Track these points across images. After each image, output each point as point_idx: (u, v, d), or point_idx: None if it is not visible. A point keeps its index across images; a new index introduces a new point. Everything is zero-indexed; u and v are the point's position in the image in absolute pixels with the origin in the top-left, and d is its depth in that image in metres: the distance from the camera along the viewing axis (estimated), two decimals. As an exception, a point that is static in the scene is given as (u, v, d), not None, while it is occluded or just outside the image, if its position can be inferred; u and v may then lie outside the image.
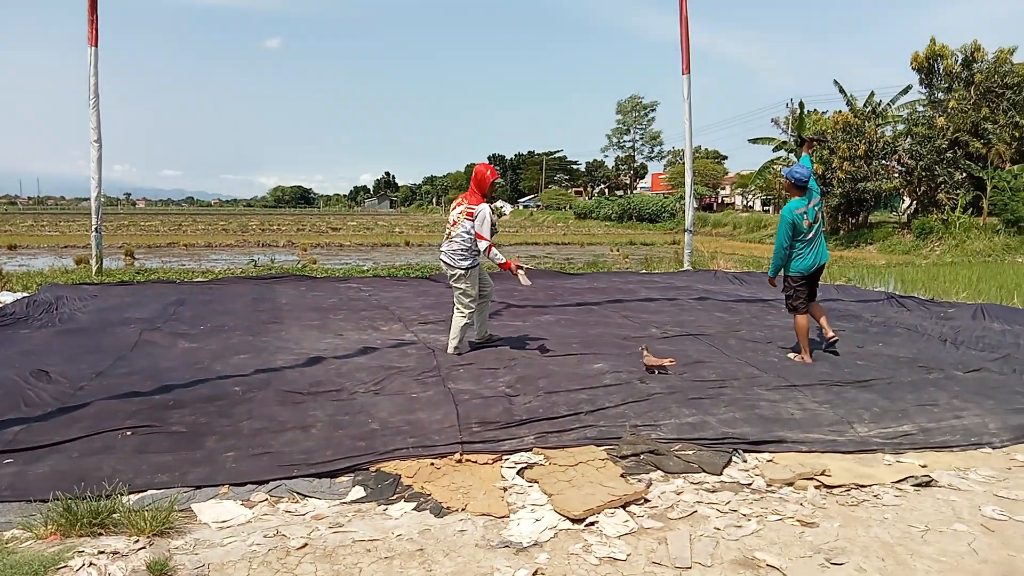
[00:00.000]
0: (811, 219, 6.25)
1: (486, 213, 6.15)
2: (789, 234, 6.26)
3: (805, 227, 6.24)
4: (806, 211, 6.24)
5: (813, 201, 6.30)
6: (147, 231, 35.78)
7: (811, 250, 6.34)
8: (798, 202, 6.28)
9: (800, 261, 6.35)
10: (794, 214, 6.23)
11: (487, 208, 6.19)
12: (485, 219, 6.13)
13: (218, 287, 11.44)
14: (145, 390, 5.08)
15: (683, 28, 15.36)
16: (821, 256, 6.42)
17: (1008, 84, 25.61)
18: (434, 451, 4.08)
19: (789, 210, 6.27)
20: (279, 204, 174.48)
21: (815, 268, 6.43)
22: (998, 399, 5.21)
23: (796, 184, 6.28)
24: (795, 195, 6.34)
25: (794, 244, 6.31)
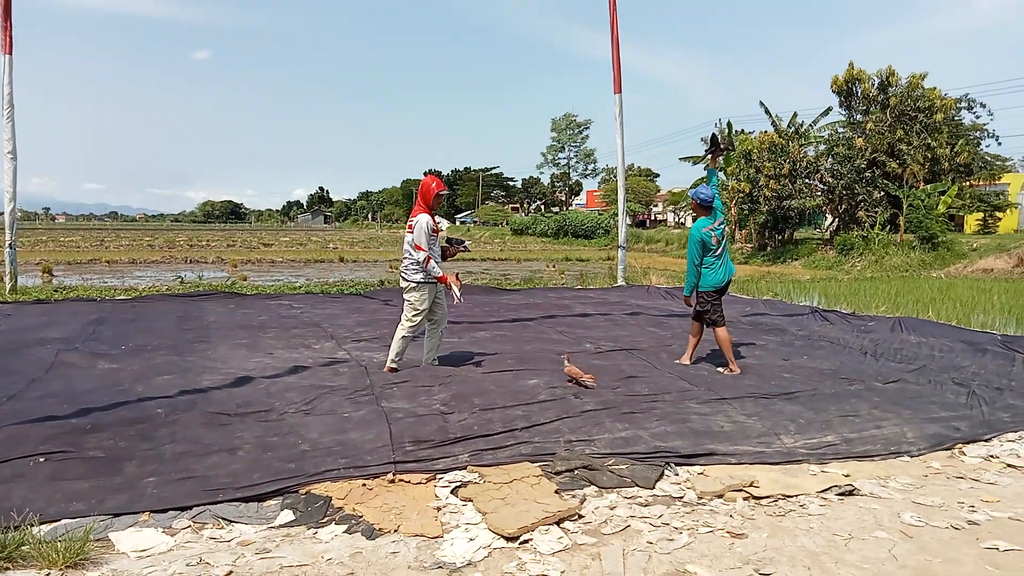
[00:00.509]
0: (718, 236, 6.62)
1: (423, 224, 6.12)
2: (699, 252, 6.61)
3: (713, 244, 6.60)
4: (713, 229, 6.61)
5: (719, 220, 6.67)
6: (67, 247, 34.31)
7: (720, 265, 6.68)
8: (705, 221, 6.64)
9: (712, 275, 6.67)
10: (702, 232, 6.58)
11: (425, 218, 6.14)
12: (423, 230, 6.11)
13: (142, 305, 11.04)
14: (61, 414, 4.84)
15: (614, 48, 15.67)
16: (729, 270, 6.77)
17: (920, 108, 26.99)
18: (366, 471, 4.01)
19: (697, 229, 6.62)
20: (208, 219, 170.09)
21: (726, 282, 6.75)
22: (915, 409, 5.43)
23: (702, 204, 6.66)
24: (701, 215, 6.69)
25: (704, 260, 6.64)
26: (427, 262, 6.10)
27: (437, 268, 6.15)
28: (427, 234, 6.12)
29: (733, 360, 6.60)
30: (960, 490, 4.06)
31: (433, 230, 6.18)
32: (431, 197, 6.23)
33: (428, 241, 6.12)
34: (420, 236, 6.11)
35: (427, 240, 6.11)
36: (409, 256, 6.21)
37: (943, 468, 4.43)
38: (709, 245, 6.60)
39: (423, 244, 6.11)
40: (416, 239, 6.12)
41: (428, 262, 6.10)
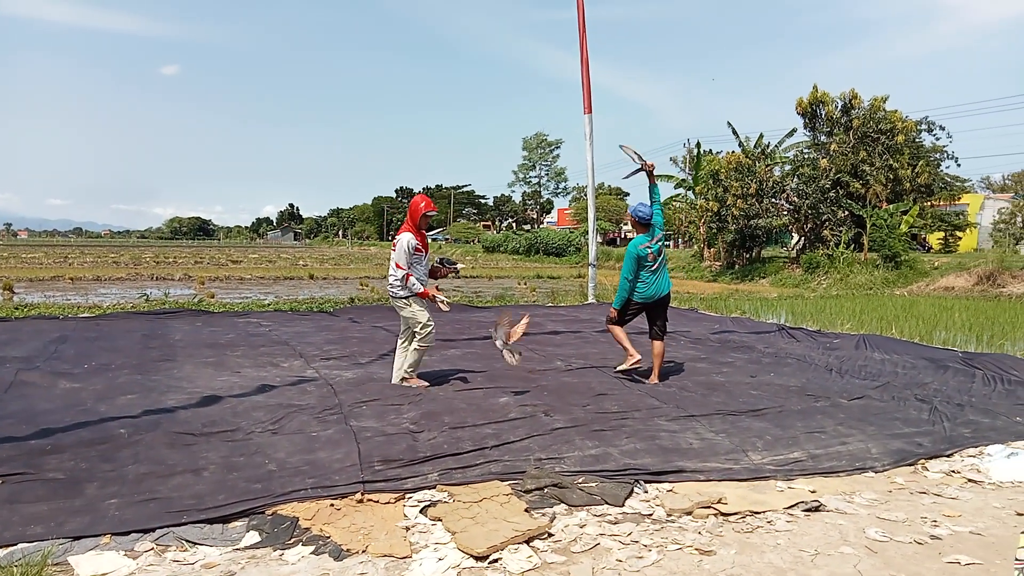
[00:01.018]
0: (655, 252, 6.81)
1: (403, 242, 6.19)
2: (634, 267, 6.82)
3: (649, 260, 6.80)
4: (650, 246, 6.80)
5: (656, 236, 6.84)
6: (29, 264, 33.60)
7: (654, 280, 6.87)
8: (642, 238, 6.84)
9: (644, 289, 6.89)
10: (638, 249, 6.78)
11: (406, 237, 6.21)
12: (403, 248, 6.18)
13: (106, 323, 10.83)
14: (19, 435, 4.72)
15: (584, 69, 15.86)
16: (662, 287, 6.95)
17: (882, 130, 27.62)
18: (334, 491, 3.96)
19: (634, 245, 6.81)
20: (176, 236, 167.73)
21: (656, 297, 6.92)
22: (879, 425, 5.51)
23: (640, 221, 6.84)
24: (640, 231, 6.88)
25: (639, 275, 6.84)
26: (406, 279, 6.20)
27: (417, 284, 6.24)
28: (407, 253, 6.20)
29: (629, 348, 6.94)
30: (923, 505, 4.13)
31: (416, 249, 6.23)
32: (418, 216, 6.29)
33: (408, 259, 6.19)
34: (399, 254, 6.20)
35: (407, 258, 6.19)
36: (393, 274, 6.27)
37: (907, 483, 4.50)
38: (645, 261, 6.80)
39: (401, 262, 6.19)
40: (395, 257, 6.21)
41: (407, 279, 6.20)
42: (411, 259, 6.23)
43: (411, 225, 6.31)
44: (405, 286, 6.21)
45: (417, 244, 6.25)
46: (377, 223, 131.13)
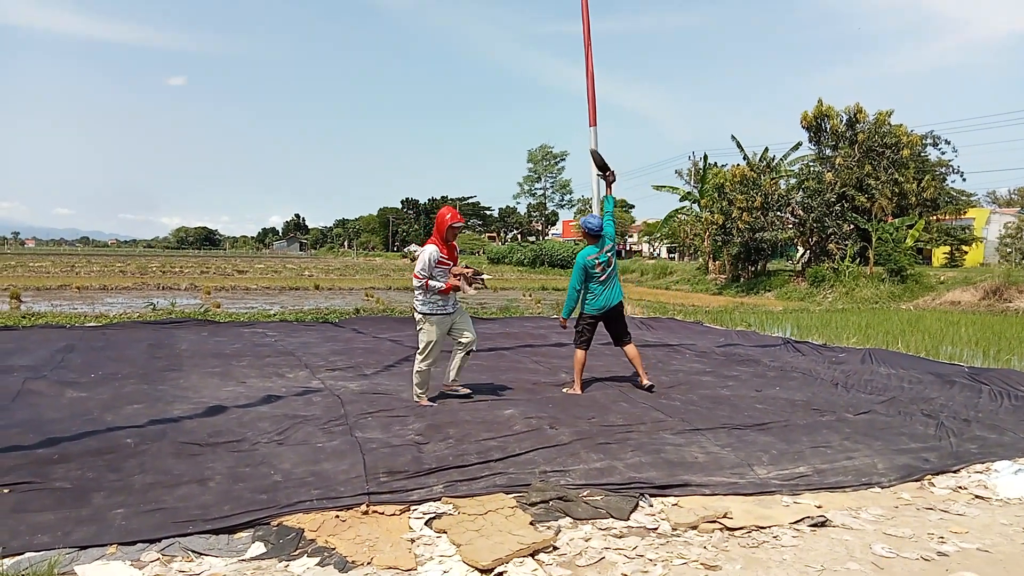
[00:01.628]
0: (603, 263, 6.88)
1: (425, 254, 6.12)
2: (581, 278, 6.91)
3: (598, 271, 6.87)
4: (598, 257, 6.87)
5: (606, 247, 6.93)
6: (36, 272, 33.74)
7: (604, 291, 6.94)
8: (591, 249, 6.94)
9: (593, 301, 6.97)
10: (586, 260, 6.84)
11: (429, 249, 6.15)
12: (424, 260, 6.11)
13: (112, 332, 10.88)
14: (27, 443, 4.74)
15: (590, 82, 15.89)
16: (613, 297, 7.01)
17: (887, 144, 27.65)
18: (339, 503, 3.97)
19: (583, 256, 6.88)
20: (182, 245, 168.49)
21: (607, 308, 6.98)
22: (885, 440, 5.50)
23: (589, 232, 6.92)
24: (589, 242, 6.97)
25: (588, 286, 6.93)
26: (426, 285, 6.10)
27: (438, 282, 6.12)
28: (428, 263, 6.11)
29: (579, 382, 6.99)
30: (930, 521, 4.11)
31: (439, 261, 6.13)
32: (444, 227, 6.20)
33: (430, 270, 6.10)
34: (419, 264, 6.14)
35: (428, 269, 6.09)
36: (415, 285, 6.24)
37: (913, 499, 4.48)
38: (592, 272, 6.88)
39: (420, 271, 6.11)
40: (416, 268, 6.16)
41: (427, 285, 6.10)
42: (433, 271, 6.12)
43: (437, 237, 6.23)
44: (426, 293, 6.14)
45: (441, 256, 6.15)
46: (383, 234, 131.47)
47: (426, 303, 6.18)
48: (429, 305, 6.18)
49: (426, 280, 6.09)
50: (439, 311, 6.21)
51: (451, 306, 6.32)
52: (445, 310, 6.24)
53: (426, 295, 6.15)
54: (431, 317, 6.18)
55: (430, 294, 6.14)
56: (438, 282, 6.12)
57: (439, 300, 6.19)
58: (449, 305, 6.29)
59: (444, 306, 6.23)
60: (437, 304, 6.20)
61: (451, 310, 6.32)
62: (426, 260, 6.11)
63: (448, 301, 6.27)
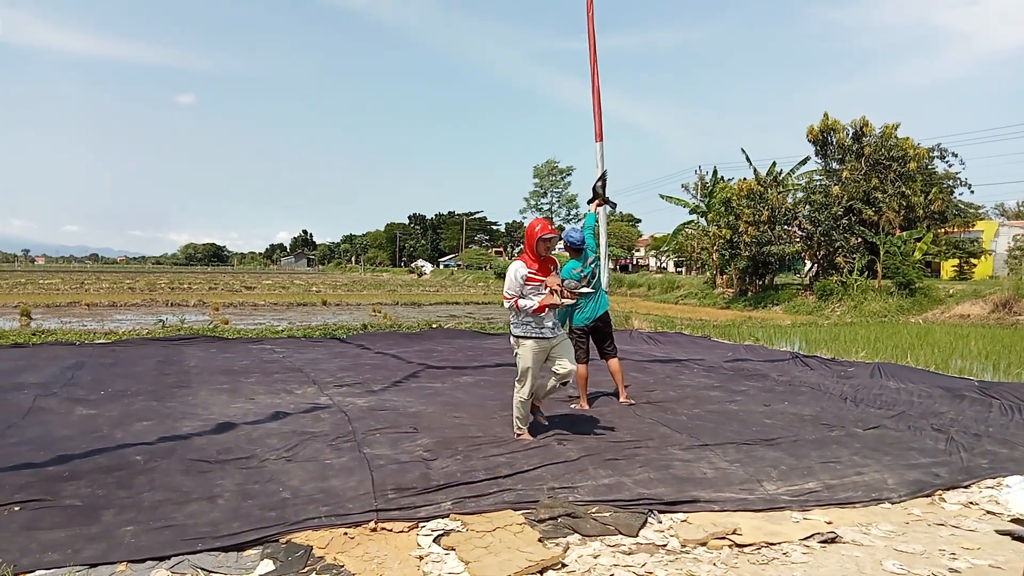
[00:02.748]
0: (587, 276, 6.95)
1: (512, 271, 5.57)
2: None
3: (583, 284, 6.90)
4: (582, 270, 6.92)
5: (589, 260, 7.00)
6: (46, 289, 33.96)
7: (590, 303, 7.05)
8: (574, 263, 6.95)
9: (580, 314, 7.08)
10: (571, 274, 6.85)
11: (514, 266, 5.58)
12: (510, 278, 5.59)
13: (121, 349, 10.94)
14: (37, 461, 4.77)
15: (595, 97, 15.97)
16: (600, 308, 7.14)
17: (894, 157, 27.64)
18: (348, 520, 3.97)
19: (566, 271, 6.88)
20: (191, 262, 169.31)
21: (595, 319, 7.11)
22: (895, 455, 5.47)
23: (571, 246, 6.96)
24: (572, 256, 7.00)
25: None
26: (516, 304, 5.52)
27: (529, 301, 5.51)
28: (515, 281, 5.53)
29: (585, 397, 7.07)
30: (941, 537, 4.08)
31: (528, 278, 5.53)
32: (533, 241, 5.58)
33: (518, 289, 5.52)
34: (506, 283, 5.64)
35: (516, 288, 5.52)
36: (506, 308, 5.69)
37: (924, 515, 4.45)
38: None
39: (507, 291, 5.58)
40: (504, 289, 5.69)
41: (516, 304, 5.52)
42: (522, 289, 5.54)
43: (528, 252, 5.63)
44: (518, 315, 5.60)
45: (529, 273, 5.53)
46: (390, 249, 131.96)
47: (519, 324, 5.63)
48: (522, 327, 5.61)
49: (515, 300, 5.52)
50: (534, 334, 5.59)
51: (550, 330, 5.66)
52: (542, 334, 5.60)
53: (519, 316, 5.60)
54: (525, 341, 5.60)
55: (523, 315, 5.57)
56: (529, 301, 5.53)
57: (533, 322, 5.58)
58: (547, 328, 5.64)
59: (540, 329, 5.60)
60: (531, 326, 5.59)
61: (550, 335, 5.65)
62: (511, 277, 5.56)
63: (546, 323, 5.63)
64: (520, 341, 5.64)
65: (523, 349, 5.63)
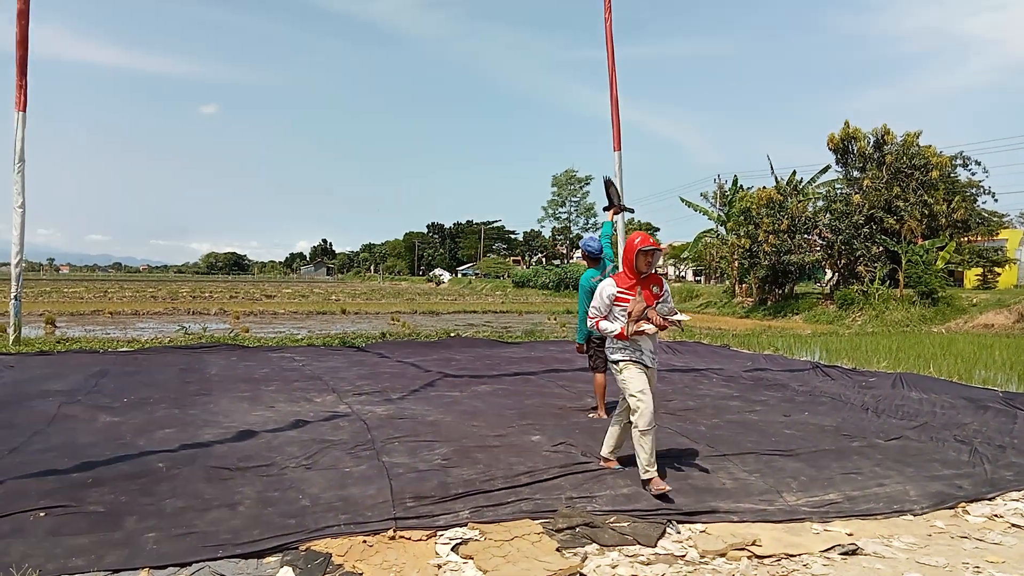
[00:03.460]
0: None
1: (600, 287, 5.04)
2: (589, 301, 6.75)
3: None
4: (601, 278, 6.81)
5: (607, 269, 6.93)
6: (71, 298, 34.44)
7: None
8: (593, 272, 6.91)
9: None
10: (591, 283, 6.78)
11: (606, 283, 5.02)
12: (598, 294, 5.03)
13: (144, 357, 11.07)
14: (62, 467, 4.85)
15: (614, 107, 15.99)
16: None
17: (916, 165, 27.38)
18: (367, 528, 3.99)
19: (587, 279, 6.88)
20: (212, 270, 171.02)
21: None
22: (917, 466, 5.41)
23: (590, 255, 6.95)
24: (591, 265, 6.98)
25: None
26: (597, 325, 4.97)
27: (610, 325, 4.89)
28: (601, 300, 4.96)
29: (603, 406, 6.99)
30: (964, 550, 4.03)
31: (618, 298, 4.90)
32: (632, 254, 4.90)
33: (605, 307, 4.94)
34: (593, 300, 5.06)
35: (602, 306, 4.95)
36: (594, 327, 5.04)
37: (947, 527, 4.40)
38: None
39: (592, 309, 5.04)
40: (590, 306, 5.10)
41: (598, 325, 4.96)
42: (610, 310, 4.94)
43: (626, 268, 5.00)
44: (611, 338, 5.00)
45: (620, 292, 4.89)
46: (408, 258, 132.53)
47: (615, 348, 4.99)
48: (620, 351, 4.96)
49: (597, 320, 4.96)
50: (633, 358, 4.93)
51: (649, 358, 5.00)
52: (640, 360, 4.92)
53: (613, 339, 4.99)
54: (626, 364, 4.93)
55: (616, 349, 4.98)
56: (612, 324, 4.91)
57: (630, 346, 4.94)
58: (645, 355, 4.96)
59: (640, 355, 4.93)
60: (629, 350, 4.94)
61: (649, 364, 4.99)
62: (600, 295, 4.99)
63: (643, 349, 4.95)
64: (621, 365, 4.97)
65: (626, 372, 4.93)
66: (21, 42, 12.26)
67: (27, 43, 12.33)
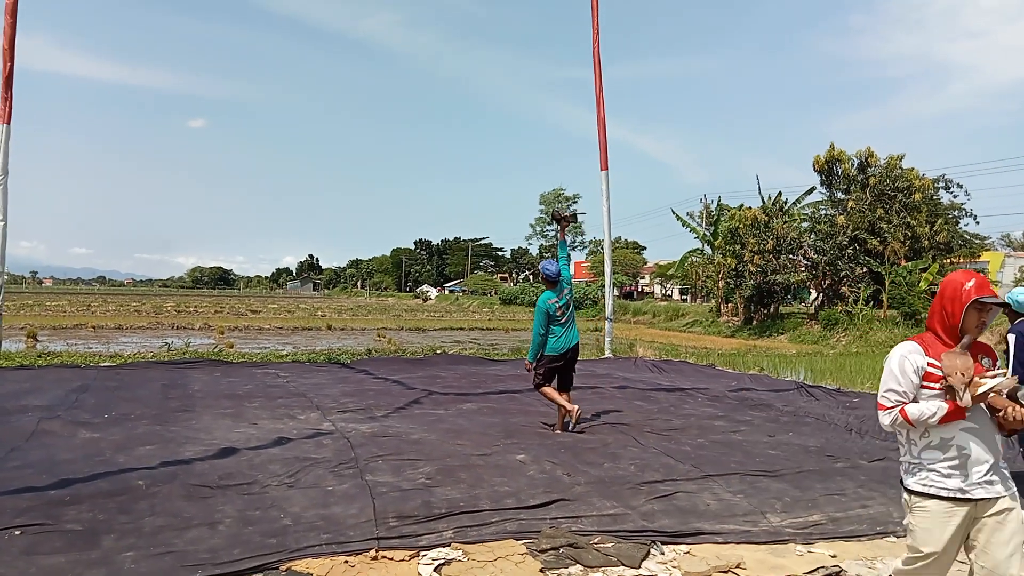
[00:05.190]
0: (563, 306, 7.14)
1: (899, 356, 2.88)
2: (544, 321, 7.13)
3: (558, 315, 7.13)
4: (557, 301, 7.11)
5: (564, 291, 7.17)
6: (53, 311, 34.11)
7: (564, 332, 7.19)
8: (550, 294, 7.16)
9: (555, 341, 7.17)
10: (547, 304, 7.08)
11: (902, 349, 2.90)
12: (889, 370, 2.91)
13: (126, 372, 10.95)
14: (39, 485, 4.77)
15: (600, 128, 16.14)
16: (572, 339, 7.24)
17: (899, 187, 27.72)
18: (348, 548, 3.95)
19: (543, 301, 7.11)
20: (197, 285, 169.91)
21: (568, 348, 7.21)
22: (900, 488, 5.41)
23: (547, 278, 7.17)
24: (548, 287, 7.19)
25: (551, 328, 7.13)
26: (901, 414, 2.80)
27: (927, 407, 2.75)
28: (905, 378, 2.86)
29: (561, 402, 7.11)
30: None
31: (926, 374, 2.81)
32: (958, 306, 2.83)
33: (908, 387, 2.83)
34: (885, 381, 2.91)
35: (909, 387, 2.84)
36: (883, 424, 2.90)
37: (929, 549, 4.40)
38: (554, 316, 7.11)
39: (884, 395, 2.89)
40: (879, 391, 2.93)
41: (903, 416, 2.80)
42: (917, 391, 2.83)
43: (938, 325, 2.90)
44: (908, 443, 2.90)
45: (928, 364, 2.80)
46: (395, 274, 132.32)
47: (914, 466, 2.89)
48: (919, 473, 2.87)
49: (901, 408, 2.81)
50: (944, 490, 2.80)
51: (983, 478, 2.80)
52: (960, 490, 2.77)
53: (910, 447, 2.90)
54: (925, 501, 2.84)
55: (920, 446, 2.86)
56: (930, 412, 2.76)
57: (943, 461, 2.81)
58: (978, 475, 2.78)
59: (962, 478, 2.78)
60: (938, 472, 2.82)
61: (980, 492, 2.78)
62: (896, 368, 2.88)
63: (972, 463, 2.78)
64: (915, 499, 2.88)
65: (919, 514, 2.86)
66: (7, 53, 12.21)
67: (13, 54, 12.29)
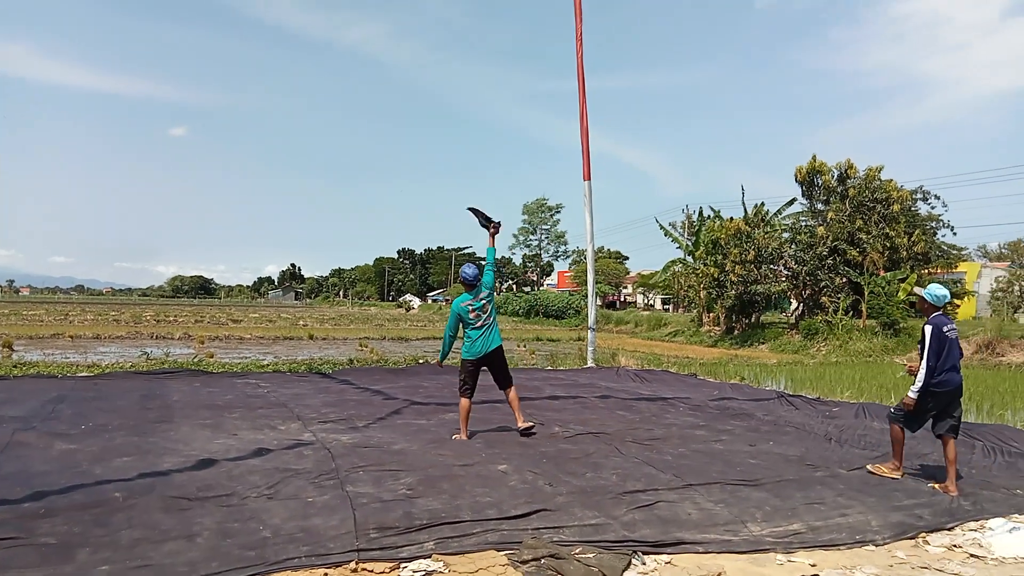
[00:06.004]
0: (478, 310, 7.19)
1: None
2: (455, 324, 7.24)
3: (472, 318, 7.19)
4: (472, 304, 7.19)
5: (482, 295, 7.24)
6: (30, 320, 33.61)
7: (480, 337, 7.22)
8: (465, 296, 7.26)
9: (471, 346, 7.23)
10: (460, 307, 7.20)
11: None
12: None
13: (104, 383, 10.82)
14: (13, 497, 4.69)
15: (584, 138, 16.22)
16: (490, 343, 7.26)
17: (878, 199, 28.04)
18: (328, 560, 3.93)
19: (457, 304, 7.22)
20: (177, 294, 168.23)
21: (484, 354, 7.25)
22: (879, 496, 5.47)
23: (464, 282, 7.28)
24: (465, 290, 7.28)
25: (467, 333, 7.21)
26: None
27: None
28: None
29: (465, 429, 7.16)
30: (924, 581, 4.07)
31: None
32: None
33: None
34: None
35: None
36: None
37: (908, 558, 4.45)
38: (467, 319, 7.18)
39: None
40: None
41: None
42: None
43: None
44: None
45: None
46: (378, 284, 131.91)
47: None
48: None
49: None
50: None
51: None
52: None
53: None
54: None
55: None
56: None
57: None
58: None
59: None
60: None
61: None
62: None
63: None
64: None
65: None
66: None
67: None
